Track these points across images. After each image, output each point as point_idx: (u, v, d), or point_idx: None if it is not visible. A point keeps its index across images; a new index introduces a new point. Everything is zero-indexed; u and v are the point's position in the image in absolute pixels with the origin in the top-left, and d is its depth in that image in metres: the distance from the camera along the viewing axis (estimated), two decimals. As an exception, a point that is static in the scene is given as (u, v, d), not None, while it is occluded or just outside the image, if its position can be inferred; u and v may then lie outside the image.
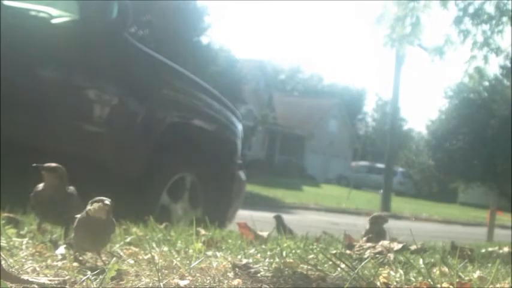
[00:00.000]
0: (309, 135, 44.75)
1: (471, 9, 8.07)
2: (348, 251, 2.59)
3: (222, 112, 4.86)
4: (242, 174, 5.22)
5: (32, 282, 1.55)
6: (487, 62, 8.07)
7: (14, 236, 2.43)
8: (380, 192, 26.44)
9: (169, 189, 4.31)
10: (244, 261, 1.97)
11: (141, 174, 4.06)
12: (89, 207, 1.87)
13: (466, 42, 8.02)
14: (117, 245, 2.31)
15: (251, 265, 1.88)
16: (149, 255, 2.01)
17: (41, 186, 2.06)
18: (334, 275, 1.88)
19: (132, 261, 1.98)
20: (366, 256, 2.41)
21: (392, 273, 2.01)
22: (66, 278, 1.67)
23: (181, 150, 4.43)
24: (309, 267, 1.98)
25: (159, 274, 1.67)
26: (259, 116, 37.62)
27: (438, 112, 35.69)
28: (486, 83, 31.58)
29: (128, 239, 2.50)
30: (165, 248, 2.28)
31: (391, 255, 2.40)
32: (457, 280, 1.75)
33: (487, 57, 8.04)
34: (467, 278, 1.92)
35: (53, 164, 2.04)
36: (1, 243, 2.13)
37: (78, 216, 1.92)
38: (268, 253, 2.28)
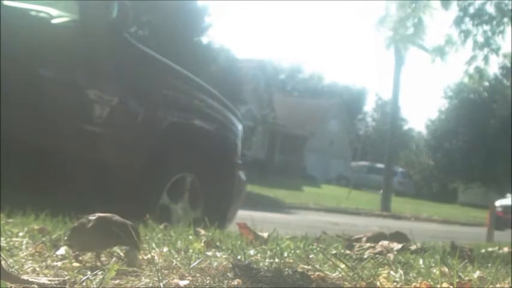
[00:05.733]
0: (309, 135, 44.74)
1: (472, 10, 8.07)
2: (348, 251, 2.59)
3: (222, 112, 4.86)
4: (242, 175, 5.22)
5: (32, 282, 1.55)
6: (487, 63, 8.07)
7: (14, 236, 2.43)
8: (380, 192, 26.44)
9: (169, 189, 4.30)
10: (245, 261, 1.97)
11: (141, 174, 4.06)
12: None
13: (467, 42, 8.02)
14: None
15: (251, 265, 1.88)
16: (149, 255, 2.01)
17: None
18: (334, 275, 1.88)
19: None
20: (365, 256, 2.41)
21: (392, 273, 2.01)
22: (66, 278, 1.67)
23: (181, 150, 4.43)
24: (309, 267, 1.98)
25: (159, 274, 1.67)
26: (259, 116, 37.62)
27: (438, 112, 35.74)
28: (486, 83, 31.59)
29: (128, 239, 2.50)
30: (165, 248, 2.28)
31: (391, 255, 2.40)
32: (457, 280, 1.75)
33: (487, 57, 8.04)
34: (467, 278, 1.92)
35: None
36: (1, 243, 2.13)
37: (90, 217, 1.92)
38: (268, 253, 2.28)
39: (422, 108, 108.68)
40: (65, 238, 2.16)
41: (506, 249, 3.75)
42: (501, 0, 8.11)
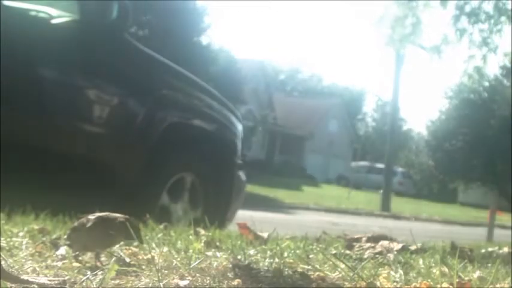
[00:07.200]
0: (308, 135, 44.75)
1: (468, 8, 8.09)
2: (348, 251, 2.59)
3: (222, 112, 4.86)
4: (242, 175, 5.22)
5: (32, 282, 1.55)
6: (485, 62, 8.09)
7: (14, 236, 2.43)
8: (380, 192, 26.44)
9: (169, 189, 4.30)
10: (245, 261, 1.97)
11: (141, 174, 4.06)
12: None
13: (462, 40, 8.05)
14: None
15: (251, 265, 1.88)
16: (149, 255, 2.00)
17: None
18: (334, 275, 1.88)
19: (132, 262, 1.98)
20: (365, 256, 2.41)
21: (392, 273, 2.01)
22: (66, 278, 1.67)
23: (181, 150, 4.43)
24: (309, 267, 1.98)
25: (159, 274, 1.67)
26: (259, 116, 37.65)
27: (438, 112, 35.67)
28: (486, 83, 31.59)
29: (128, 239, 2.50)
30: (165, 248, 2.28)
31: (391, 255, 2.40)
32: (457, 280, 1.75)
33: (485, 56, 8.06)
34: (467, 278, 1.92)
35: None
36: (1, 243, 2.13)
37: (89, 216, 1.92)
38: (268, 253, 2.28)
39: (422, 109, 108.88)
40: (65, 238, 2.17)
41: (506, 249, 3.75)
42: (499, 0, 8.13)
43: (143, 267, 1.88)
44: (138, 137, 4.11)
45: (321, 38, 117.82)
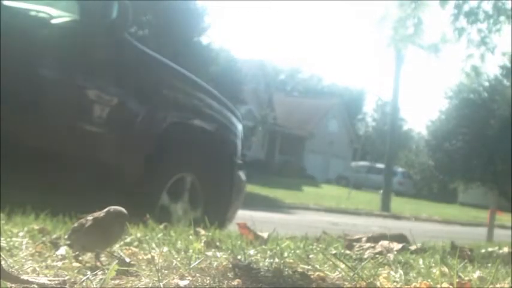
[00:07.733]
0: (308, 135, 44.74)
1: (466, 8, 8.12)
2: (348, 251, 2.59)
3: (222, 112, 4.86)
4: (242, 175, 5.22)
5: (32, 282, 1.55)
6: (483, 61, 8.13)
7: (14, 236, 2.43)
8: (380, 192, 26.44)
9: (169, 189, 4.30)
10: (245, 261, 1.97)
11: (141, 174, 4.06)
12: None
13: (461, 40, 8.09)
14: (117, 245, 2.31)
15: (251, 265, 1.88)
16: (149, 256, 2.00)
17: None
18: (334, 275, 1.88)
19: (132, 262, 1.98)
20: (365, 256, 2.41)
21: (392, 273, 2.01)
22: (66, 278, 1.67)
23: (181, 150, 4.43)
24: (309, 267, 1.98)
25: (159, 274, 1.67)
26: (259, 116, 37.65)
27: (438, 112, 35.67)
28: (486, 83, 31.59)
29: (128, 239, 2.50)
30: (165, 248, 2.28)
31: (391, 255, 2.40)
32: (457, 280, 1.75)
33: (483, 55, 8.09)
34: (467, 278, 1.92)
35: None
36: (1, 243, 2.13)
37: (89, 217, 1.92)
38: (268, 253, 2.28)
39: (422, 109, 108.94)
40: (65, 237, 2.17)
41: (506, 249, 3.75)
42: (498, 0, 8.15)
43: (143, 267, 1.88)
44: (138, 137, 4.11)
45: (321, 38, 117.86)
